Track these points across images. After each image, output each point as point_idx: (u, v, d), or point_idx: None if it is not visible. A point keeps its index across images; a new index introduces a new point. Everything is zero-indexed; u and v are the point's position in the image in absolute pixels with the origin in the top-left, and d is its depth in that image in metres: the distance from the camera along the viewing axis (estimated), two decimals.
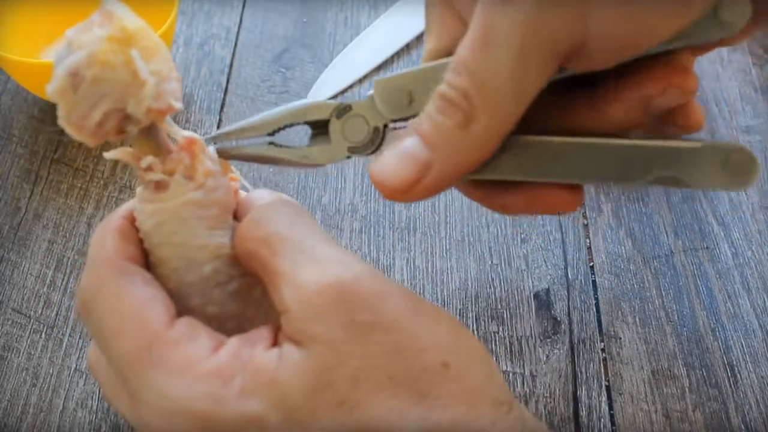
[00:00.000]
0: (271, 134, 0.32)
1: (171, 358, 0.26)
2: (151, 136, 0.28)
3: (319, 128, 0.31)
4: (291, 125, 0.31)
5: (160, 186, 0.28)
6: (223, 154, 0.32)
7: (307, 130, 0.32)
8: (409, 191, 0.28)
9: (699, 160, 0.28)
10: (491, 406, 0.26)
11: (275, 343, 0.27)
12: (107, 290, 0.28)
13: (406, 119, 0.31)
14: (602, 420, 0.39)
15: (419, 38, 0.57)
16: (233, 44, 0.57)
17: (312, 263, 0.26)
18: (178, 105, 0.28)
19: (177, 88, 0.28)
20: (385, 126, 0.31)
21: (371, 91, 0.31)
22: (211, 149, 0.31)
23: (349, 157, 0.31)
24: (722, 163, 0.28)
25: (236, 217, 0.30)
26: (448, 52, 0.30)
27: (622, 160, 0.29)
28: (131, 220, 0.29)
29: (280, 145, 0.32)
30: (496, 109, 0.27)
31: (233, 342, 0.27)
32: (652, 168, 0.28)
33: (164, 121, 0.28)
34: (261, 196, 0.30)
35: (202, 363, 0.26)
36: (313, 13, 0.59)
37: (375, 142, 0.31)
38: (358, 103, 0.31)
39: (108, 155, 0.29)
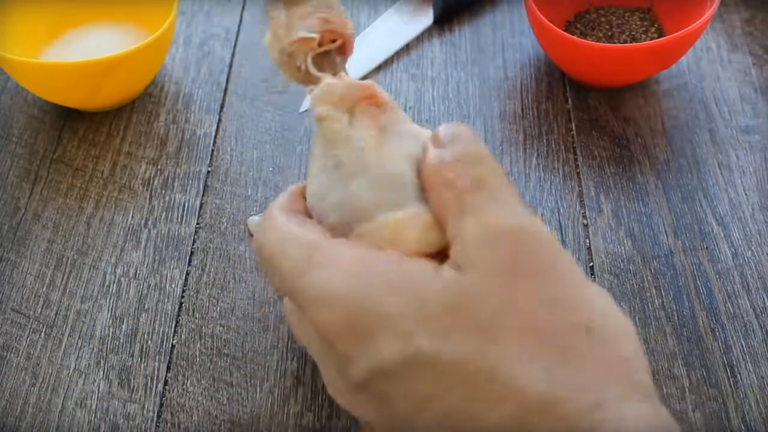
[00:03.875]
0: None
1: (327, 257, 0.29)
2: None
3: None
4: None
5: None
6: None
7: None
8: None
9: None
10: (627, 385, 0.27)
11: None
12: (275, 223, 0.32)
13: None
14: None
15: (419, 38, 0.57)
16: (233, 44, 0.57)
17: (499, 208, 0.28)
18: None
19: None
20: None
21: None
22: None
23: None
24: None
25: None
26: None
27: None
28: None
29: None
30: None
31: (393, 252, 0.29)
32: None
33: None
34: (460, 130, 0.32)
35: (356, 257, 0.29)
36: None
37: None
38: None
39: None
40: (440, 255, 0.30)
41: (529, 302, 0.27)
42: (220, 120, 0.52)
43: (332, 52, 0.36)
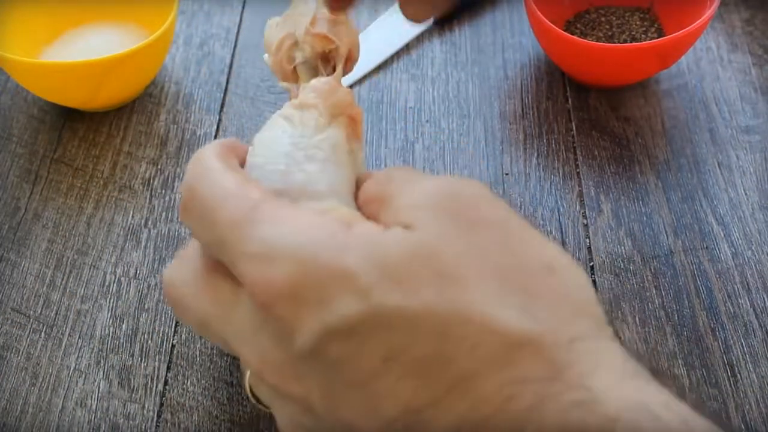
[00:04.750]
0: None
1: (274, 214, 0.27)
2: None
3: None
4: None
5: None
6: None
7: None
8: None
9: None
10: (594, 323, 0.26)
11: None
12: (213, 171, 0.29)
13: None
14: None
15: (419, 38, 0.57)
16: (233, 44, 0.57)
17: (427, 180, 0.29)
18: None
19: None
20: None
21: None
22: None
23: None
24: None
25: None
26: None
27: None
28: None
29: None
30: None
31: (335, 213, 0.29)
32: None
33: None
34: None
35: (305, 217, 0.27)
36: None
37: None
38: None
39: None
40: None
41: (486, 246, 0.26)
42: (220, 120, 0.52)
43: (335, 58, 0.37)
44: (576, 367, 0.25)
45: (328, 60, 0.38)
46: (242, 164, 0.32)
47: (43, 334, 0.42)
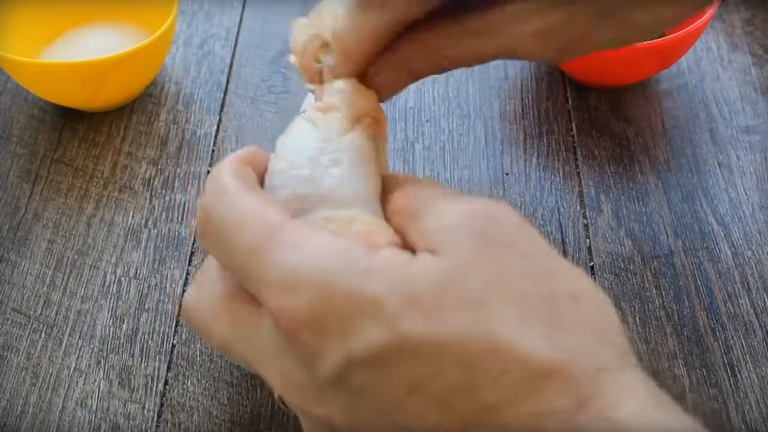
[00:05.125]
0: None
1: (294, 238, 0.27)
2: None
3: None
4: None
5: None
6: None
7: None
8: None
9: None
10: (619, 351, 0.26)
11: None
12: (229, 193, 0.29)
13: None
14: None
15: None
16: (233, 44, 0.57)
17: (456, 200, 0.28)
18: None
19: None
20: None
21: None
22: None
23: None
24: None
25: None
26: None
27: None
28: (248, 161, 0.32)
29: None
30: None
31: (359, 226, 0.28)
32: None
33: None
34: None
35: (326, 240, 0.27)
36: None
37: None
38: None
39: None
40: None
41: (512, 273, 0.26)
42: (220, 120, 0.52)
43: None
44: (601, 398, 0.24)
45: None
46: (262, 173, 0.32)
47: (43, 334, 0.42)
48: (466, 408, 0.25)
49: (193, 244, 0.46)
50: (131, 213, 0.47)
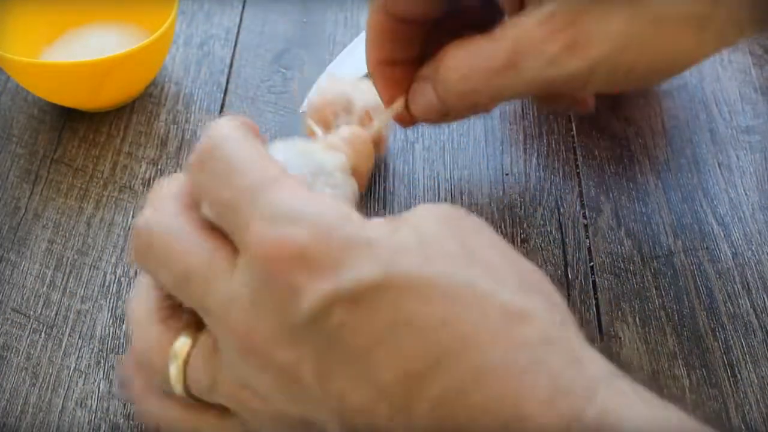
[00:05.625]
0: None
1: (298, 188, 0.27)
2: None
3: None
4: None
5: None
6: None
7: None
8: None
9: None
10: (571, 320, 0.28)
11: None
12: (237, 140, 0.29)
13: None
14: None
15: None
16: (233, 44, 0.57)
17: (419, 207, 0.30)
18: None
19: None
20: None
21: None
22: None
23: None
24: None
25: None
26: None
27: None
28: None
29: None
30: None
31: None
32: None
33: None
34: None
35: (327, 198, 0.28)
36: (313, 13, 0.59)
37: None
38: None
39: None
40: None
41: (483, 248, 0.28)
42: None
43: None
44: (565, 339, 0.27)
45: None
46: None
47: (43, 334, 0.42)
48: (448, 339, 0.26)
49: None
50: (131, 213, 0.47)
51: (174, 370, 0.30)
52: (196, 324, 0.30)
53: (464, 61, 0.35)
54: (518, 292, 0.27)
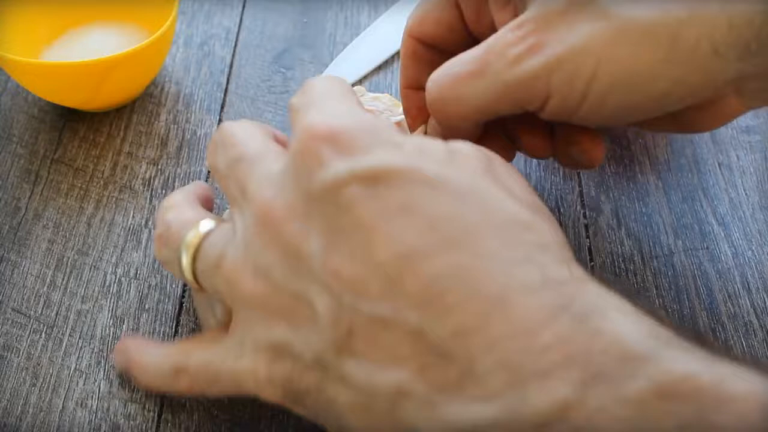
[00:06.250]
0: None
1: (356, 105, 0.32)
2: None
3: None
4: None
5: None
6: None
7: None
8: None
9: None
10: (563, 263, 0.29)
11: None
12: (331, 85, 0.33)
13: None
14: None
15: None
16: (233, 44, 0.57)
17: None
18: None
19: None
20: None
21: None
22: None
23: None
24: None
25: None
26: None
27: None
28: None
29: None
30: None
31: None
32: None
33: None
34: None
35: (371, 116, 0.31)
36: (313, 13, 0.59)
37: None
38: None
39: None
40: None
41: (505, 175, 0.31)
42: (220, 120, 0.52)
43: None
44: (561, 247, 0.29)
45: None
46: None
47: (43, 334, 0.42)
48: (449, 229, 0.27)
49: None
50: (131, 213, 0.47)
51: (192, 237, 0.34)
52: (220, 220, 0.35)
53: (440, 70, 0.35)
54: (527, 210, 0.29)
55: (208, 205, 0.39)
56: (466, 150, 0.30)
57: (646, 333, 0.25)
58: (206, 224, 0.34)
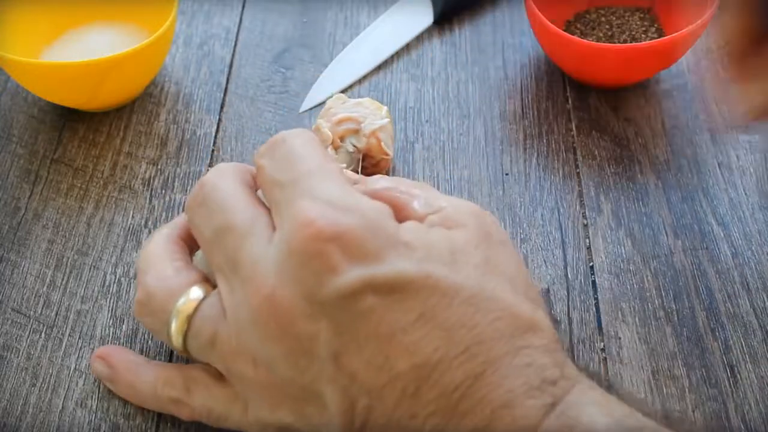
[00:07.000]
0: None
1: (346, 184, 0.31)
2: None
3: None
4: None
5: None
6: None
7: None
8: None
9: None
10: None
11: None
12: (305, 137, 0.33)
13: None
14: None
15: (419, 38, 0.57)
16: (233, 44, 0.57)
17: (458, 198, 0.35)
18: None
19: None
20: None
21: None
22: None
23: None
24: None
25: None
26: None
27: None
28: None
29: None
30: None
31: None
32: None
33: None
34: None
35: (370, 200, 0.31)
36: (313, 13, 0.59)
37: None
38: None
39: None
40: None
41: (505, 261, 0.32)
42: (220, 120, 0.52)
43: (376, 165, 0.47)
44: (558, 350, 0.31)
45: (370, 158, 0.45)
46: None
47: (43, 334, 0.42)
48: (463, 340, 0.28)
49: None
50: (131, 213, 0.47)
51: (181, 313, 0.33)
52: (206, 282, 0.34)
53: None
54: (530, 304, 0.31)
55: (191, 240, 0.37)
56: (463, 240, 0.31)
57: (614, 424, 0.28)
58: (195, 293, 0.33)
